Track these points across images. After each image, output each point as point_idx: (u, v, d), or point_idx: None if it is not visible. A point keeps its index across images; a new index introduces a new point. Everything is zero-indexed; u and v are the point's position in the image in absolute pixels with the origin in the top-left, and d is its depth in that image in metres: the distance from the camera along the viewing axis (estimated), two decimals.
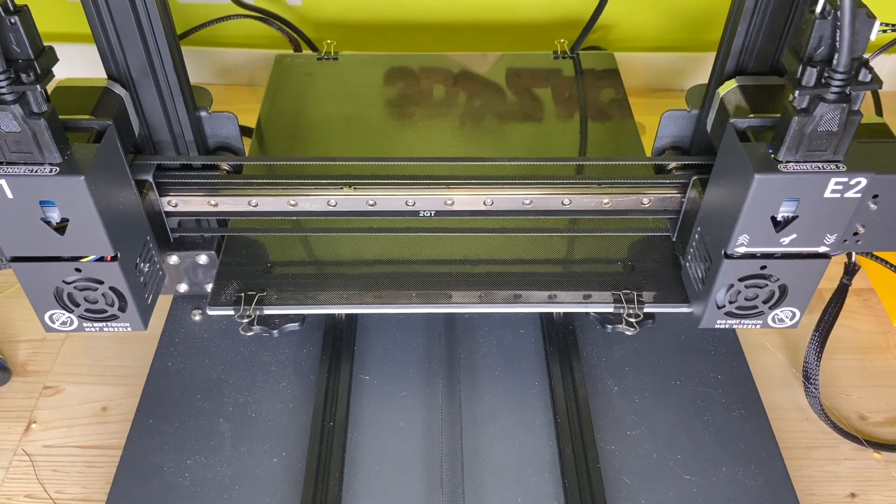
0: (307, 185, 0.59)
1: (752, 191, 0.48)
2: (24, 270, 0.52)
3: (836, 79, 0.44)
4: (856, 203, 0.49)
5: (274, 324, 0.68)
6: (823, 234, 0.51)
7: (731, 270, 0.54)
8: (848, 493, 0.64)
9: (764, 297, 0.56)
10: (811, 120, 0.46)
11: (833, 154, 0.47)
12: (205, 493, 0.59)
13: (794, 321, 0.58)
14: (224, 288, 0.64)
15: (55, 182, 0.47)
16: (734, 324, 0.58)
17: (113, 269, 0.52)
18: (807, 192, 0.48)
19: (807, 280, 0.54)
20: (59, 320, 0.56)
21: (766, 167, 0.48)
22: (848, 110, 0.45)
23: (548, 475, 0.60)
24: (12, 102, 0.44)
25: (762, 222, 0.50)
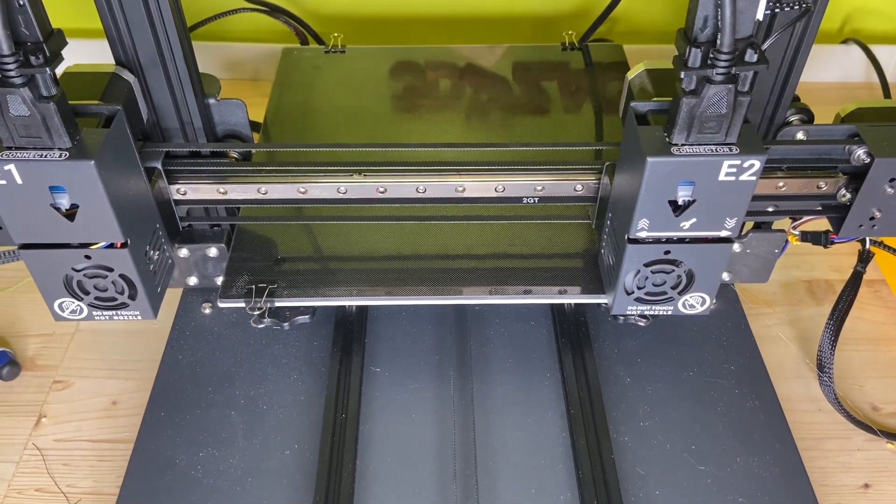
0: (317, 173, 0.58)
1: (647, 174, 0.48)
2: (33, 258, 0.52)
3: (721, 59, 0.43)
4: (752, 186, 0.49)
5: (284, 316, 0.68)
6: (723, 217, 0.51)
7: (635, 255, 0.53)
8: (861, 484, 0.63)
9: (672, 282, 0.56)
10: (699, 102, 0.45)
11: (725, 136, 0.47)
12: (217, 485, 0.58)
13: (704, 307, 0.58)
14: (235, 280, 0.64)
15: (65, 167, 0.47)
16: (645, 310, 0.58)
17: (123, 256, 0.52)
18: (701, 176, 0.48)
19: (712, 265, 0.54)
20: (69, 309, 0.55)
21: (659, 150, 0.48)
22: (735, 91, 0.45)
23: (561, 466, 0.60)
24: (21, 85, 0.44)
25: (660, 206, 0.50)
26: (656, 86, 0.53)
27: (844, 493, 0.63)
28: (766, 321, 0.75)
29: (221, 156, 0.60)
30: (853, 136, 0.57)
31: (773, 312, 0.76)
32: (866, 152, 0.55)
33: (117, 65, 0.55)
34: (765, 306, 0.77)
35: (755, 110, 0.59)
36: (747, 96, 0.46)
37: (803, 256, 0.81)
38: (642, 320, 0.68)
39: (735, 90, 0.45)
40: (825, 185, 0.58)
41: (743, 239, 0.67)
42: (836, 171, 0.58)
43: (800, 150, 0.58)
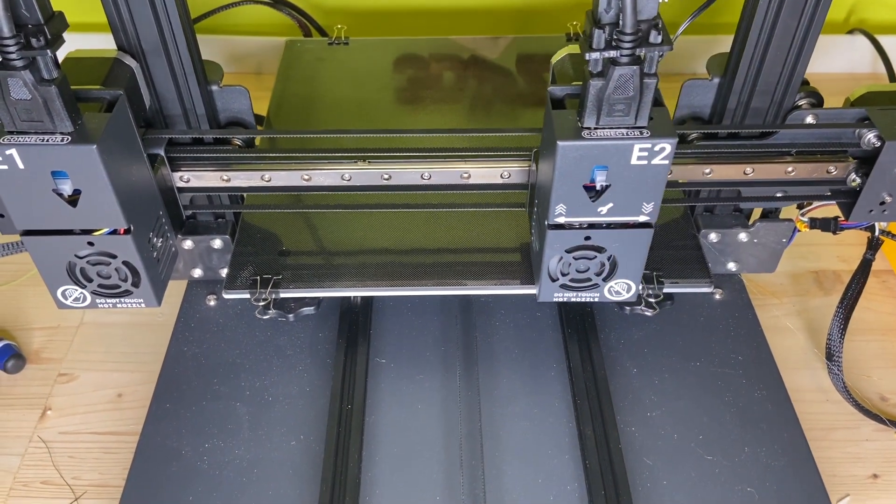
0: (321, 160, 0.58)
1: (558, 159, 0.48)
2: (35, 244, 0.52)
3: (624, 41, 0.43)
4: (666, 170, 0.48)
5: (290, 308, 0.68)
6: (640, 202, 0.51)
7: (555, 241, 0.53)
8: (870, 474, 0.63)
9: (595, 268, 0.55)
10: (606, 84, 0.45)
11: (636, 120, 0.47)
12: (223, 476, 0.58)
13: (630, 293, 0.57)
14: (239, 272, 0.64)
15: (67, 151, 0.46)
16: (571, 297, 0.57)
17: (126, 242, 0.52)
18: (613, 160, 0.48)
19: (634, 251, 0.54)
20: (72, 296, 0.55)
21: (569, 134, 0.47)
22: (641, 73, 0.44)
23: (567, 457, 0.59)
24: (22, 68, 0.44)
25: (575, 191, 0.50)
26: (577, 69, 0.53)
27: (853, 483, 0.62)
28: (773, 311, 0.74)
29: (225, 143, 0.60)
30: (863, 120, 0.56)
31: (781, 303, 0.76)
32: (877, 136, 0.54)
33: (119, 50, 0.55)
34: (772, 297, 0.76)
35: (764, 94, 0.58)
36: (654, 78, 0.45)
37: (811, 247, 0.81)
38: (648, 310, 0.67)
39: (641, 72, 0.45)
40: (835, 170, 0.57)
41: (750, 228, 0.67)
42: (846, 155, 0.57)
43: (809, 134, 0.58)
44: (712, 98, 0.61)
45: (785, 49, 0.56)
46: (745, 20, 0.56)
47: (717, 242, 0.68)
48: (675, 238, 0.66)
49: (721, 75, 0.60)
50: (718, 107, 0.61)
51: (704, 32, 1.04)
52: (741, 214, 0.67)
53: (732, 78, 0.58)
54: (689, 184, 0.60)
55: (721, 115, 0.60)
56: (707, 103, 0.61)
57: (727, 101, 0.59)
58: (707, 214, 0.68)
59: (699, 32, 1.04)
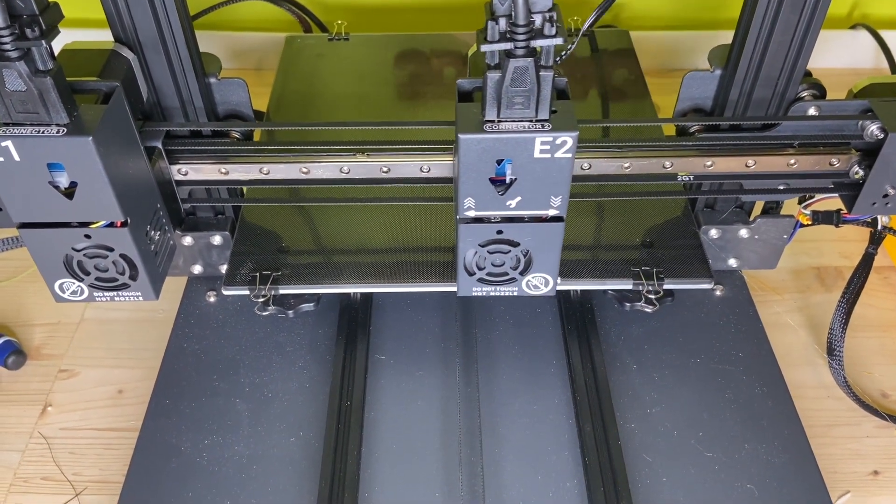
0: (319, 152, 0.57)
1: (461, 152, 0.48)
2: (32, 237, 0.51)
3: (518, 33, 0.43)
4: (569, 163, 0.48)
5: (289, 304, 0.68)
6: (548, 196, 0.50)
7: (467, 235, 0.53)
8: (871, 471, 0.63)
9: (511, 263, 0.55)
10: (503, 76, 0.45)
11: (536, 113, 0.47)
12: (222, 472, 0.58)
13: (549, 288, 0.57)
14: (239, 268, 0.64)
15: (63, 143, 0.46)
16: (490, 291, 0.57)
17: (123, 235, 0.52)
18: (516, 153, 0.48)
19: (547, 244, 0.54)
20: (70, 290, 0.55)
21: (470, 127, 0.47)
22: (537, 65, 0.44)
23: (567, 453, 0.59)
24: (17, 59, 0.43)
25: (482, 185, 0.49)
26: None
27: (854, 479, 0.62)
28: (774, 308, 0.74)
29: (223, 135, 0.60)
30: (866, 112, 0.56)
31: (782, 299, 0.76)
32: (880, 128, 0.54)
33: (116, 42, 0.54)
34: (773, 293, 0.76)
35: (766, 85, 0.58)
36: (550, 70, 0.45)
37: (812, 243, 0.81)
38: (648, 307, 0.67)
39: (537, 64, 0.45)
40: (837, 162, 0.57)
41: (751, 224, 0.66)
42: (849, 147, 0.57)
43: (812, 125, 0.57)
44: (714, 90, 0.61)
45: (787, 39, 0.55)
46: (746, 10, 0.55)
47: (717, 238, 0.67)
48: (675, 235, 0.66)
49: (723, 67, 0.59)
50: (720, 99, 0.60)
51: (705, 28, 1.04)
52: (742, 210, 0.67)
53: (734, 69, 0.57)
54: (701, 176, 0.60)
55: (723, 107, 0.60)
56: (709, 95, 0.61)
57: (729, 93, 0.59)
58: (708, 210, 0.68)
59: (700, 28, 1.04)
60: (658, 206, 0.69)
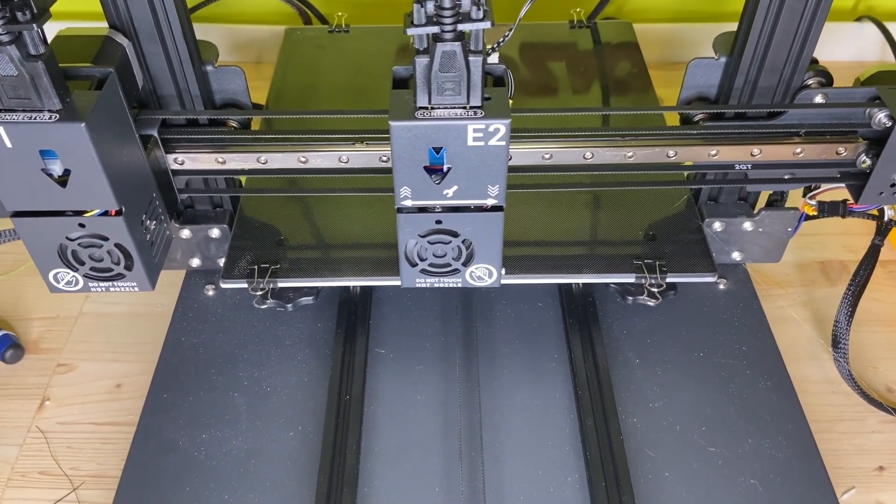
0: (318, 141, 0.57)
1: (392, 140, 0.47)
2: (26, 226, 0.51)
3: (444, 16, 0.42)
4: (504, 151, 0.47)
5: (288, 297, 0.67)
6: (484, 185, 0.49)
7: (406, 225, 0.52)
8: (876, 467, 0.62)
9: (453, 253, 0.54)
10: (431, 61, 0.44)
11: (468, 99, 0.46)
12: (220, 467, 0.58)
13: (493, 279, 0.56)
14: (237, 261, 0.63)
15: (55, 129, 0.45)
16: (433, 282, 0.56)
17: (118, 224, 0.51)
18: (449, 141, 0.47)
19: (488, 234, 0.53)
20: (64, 279, 0.54)
21: (402, 114, 0.46)
22: (465, 49, 0.43)
23: (568, 448, 0.59)
24: (8, 43, 0.43)
25: (417, 173, 0.49)
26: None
27: (858, 475, 0.61)
28: (778, 302, 0.74)
29: (220, 124, 0.59)
30: (874, 99, 0.55)
31: (786, 293, 0.75)
32: (888, 115, 0.53)
33: (111, 28, 0.54)
34: (777, 287, 0.75)
35: (772, 73, 0.57)
36: (480, 55, 0.44)
37: (816, 237, 0.80)
38: (651, 300, 0.66)
39: (465, 49, 0.44)
40: (844, 151, 0.56)
41: (755, 217, 0.66)
42: (856, 135, 0.56)
43: (818, 114, 0.56)
44: (719, 77, 0.60)
45: (794, 26, 0.54)
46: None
47: (721, 231, 0.67)
48: (678, 228, 0.66)
49: (728, 54, 0.58)
50: (725, 86, 0.59)
51: (709, 20, 1.03)
52: (746, 203, 0.66)
53: (739, 56, 0.57)
54: (694, 166, 0.59)
55: (728, 95, 0.59)
56: (713, 83, 0.60)
57: (734, 81, 0.58)
58: (711, 203, 0.67)
59: (704, 20, 1.03)
60: (661, 199, 0.68)
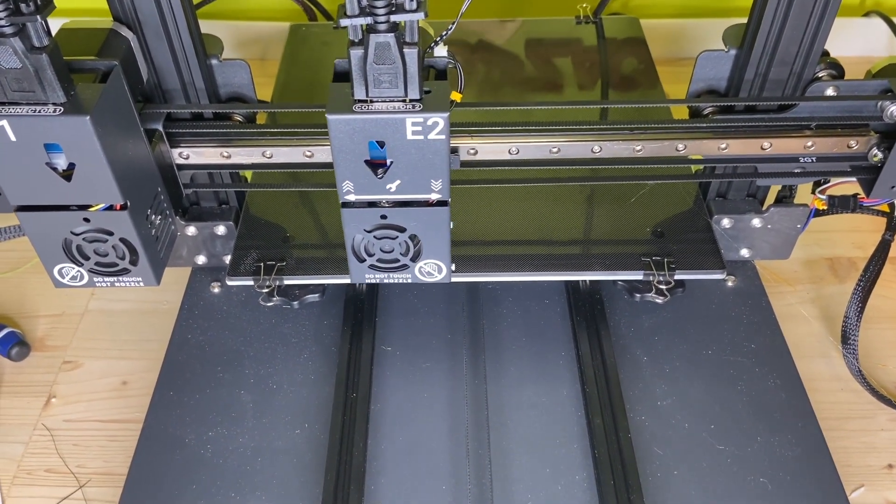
0: (324, 135, 0.56)
1: (331, 133, 0.46)
2: (30, 220, 0.51)
3: (377, 6, 0.42)
4: (444, 145, 0.47)
5: (294, 295, 0.67)
6: (427, 179, 0.49)
7: (351, 220, 0.52)
8: (885, 465, 0.62)
9: (401, 249, 0.54)
10: (365, 53, 0.44)
11: (406, 92, 0.45)
12: (227, 464, 0.58)
13: (443, 275, 0.56)
14: (243, 258, 0.63)
15: (59, 122, 0.45)
16: (383, 278, 0.56)
17: (122, 218, 0.50)
18: (388, 135, 0.46)
19: (434, 229, 0.52)
20: (69, 275, 0.54)
21: (339, 108, 0.46)
22: (399, 41, 0.43)
23: (576, 446, 0.58)
24: (12, 35, 0.42)
25: (358, 168, 0.48)
26: None
27: (868, 473, 0.61)
28: (787, 299, 0.73)
29: (225, 118, 0.58)
30: (886, 92, 0.54)
31: (795, 290, 0.74)
32: None
33: (115, 21, 0.53)
34: (786, 284, 0.75)
35: (783, 65, 0.56)
36: (414, 47, 0.44)
37: (825, 234, 0.79)
38: (659, 297, 0.66)
39: (399, 40, 0.43)
40: (856, 144, 0.56)
41: (764, 214, 0.65)
42: (868, 129, 0.56)
43: (829, 106, 0.56)
44: (729, 70, 0.59)
45: (805, 17, 0.53)
46: None
47: (729, 228, 0.66)
48: (687, 224, 0.65)
49: (738, 46, 0.58)
50: (735, 79, 0.59)
51: (716, 16, 1.02)
52: (755, 199, 0.66)
53: (750, 49, 0.56)
54: (704, 160, 0.58)
55: (738, 88, 0.58)
56: (723, 76, 0.59)
57: (744, 73, 0.57)
58: (720, 200, 0.66)
59: (711, 16, 1.02)
60: (669, 196, 0.68)
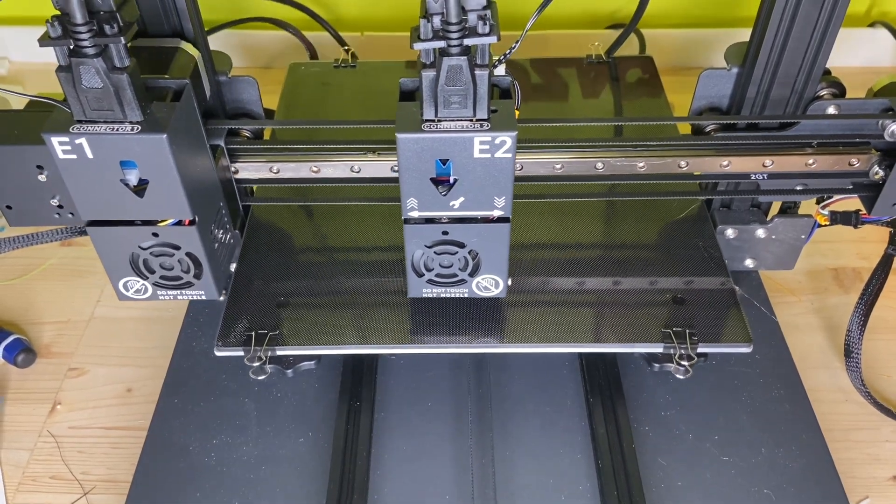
0: (330, 151, 0.57)
1: (399, 151, 0.47)
2: (100, 235, 0.51)
3: (451, 31, 0.42)
4: (510, 163, 0.47)
5: (288, 362, 0.63)
6: (491, 196, 0.50)
7: (413, 236, 0.52)
8: (890, 476, 0.62)
9: (460, 264, 0.54)
10: (437, 75, 0.44)
11: (474, 112, 0.46)
12: (231, 472, 0.58)
13: (499, 290, 0.56)
14: (233, 325, 0.60)
15: (137, 140, 0.46)
16: (440, 292, 0.56)
17: (191, 233, 0.51)
18: (455, 153, 0.47)
19: (494, 245, 0.53)
20: (133, 288, 0.55)
21: (409, 126, 0.46)
22: (471, 64, 0.44)
23: (580, 456, 0.58)
24: (94, 56, 0.43)
25: (424, 185, 0.49)
26: None
27: (873, 484, 0.61)
28: (791, 310, 0.73)
29: (233, 134, 0.59)
30: (887, 111, 0.55)
31: (799, 301, 0.74)
32: None
33: (181, 39, 0.54)
34: (790, 294, 0.75)
35: (784, 83, 0.57)
36: (486, 69, 0.44)
37: (830, 244, 0.79)
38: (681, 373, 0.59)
39: (472, 63, 0.44)
40: (857, 162, 0.56)
41: (768, 224, 0.65)
42: (869, 147, 0.56)
43: (831, 125, 0.56)
44: (731, 88, 0.60)
45: (807, 36, 0.54)
46: (765, 6, 0.54)
47: (734, 238, 0.66)
48: (708, 289, 0.61)
49: (740, 65, 0.58)
50: (737, 97, 0.59)
51: (722, 26, 1.02)
52: (759, 210, 0.66)
53: (752, 67, 0.56)
54: (706, 176, 0.59)
55: (740, 105, 0.59)
56: (725, 93, 0.60)
57: (746, 91, 0.58)
58: (724, 210, 0.67)
59: (717, 26, 1.03)
60: (687, 256, 0.63)
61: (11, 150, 0.51)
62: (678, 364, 0.57)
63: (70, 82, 0.44)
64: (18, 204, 0.54)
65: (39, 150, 0.50)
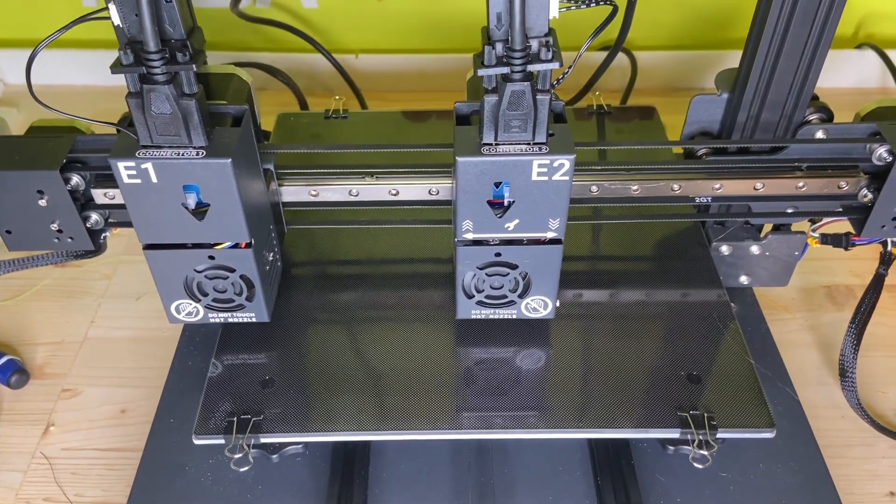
0: (328, 174, 0.57)
1: (458, 175, 0.48)
2: (157, 258, 0.52)
3: (514, 57, 0.43)
4: (567, 186, 0.48)
5: (273, 448, 0.58)
6: (546, 218, 0.50)
7: (466, 258, 0.53)
8: (887, 492, 0.62)
9: (510, 285, 0.55)
10: (500, 100, 0.45)
11: (534, 136, 0.47)
12: (227, 492, 0.57)
13: (548, 311, 0.57)
14: (214, 409, 0.56)
15: (202, 165, 0.46)
16: (489, 314, 0.57)
17: (247, 256, 0.52)
18: (514, 176, 0.48)
19: (546, 267, 0.54)
20: (185, 311, 0.55)
21: (468, 150, 0.47)
22: (533, 89, 0.45)
23: (579, 473, 0.58)
24: (165, 83, 0.44)
25: (480, 207, 0.50)
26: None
27: (870, 501, 0.61)
28: (785, 327, 0.73)
29: None
30: (874, 135, 0.56)
31: (793, 318, 0.75)
32: (888, 151, 0.54)
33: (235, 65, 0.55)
34: (784, 311, 0.75)
35: (774, 108, 0.58)
36: (547, 94, 0.45)
37: (823, 261, 0.80)
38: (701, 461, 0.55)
39: (534, 88, 0.45)
40: (846, 185, 0.57)
41: (762, 241, 0.66)
42: (857, 170, 0.57)
43: (820, 149, 0.57)
44: (721, 113, 0.61)
45: (795, 63, 0.55)
46: (754, 34, 0.56)
47: (728, 255, 0.67)
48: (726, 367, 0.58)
49: (730, 90, 0.60)
50: (728, 122, 0.60)
51: (713, 48, 1.04)
52: (752, 227, 0.67)
53: (742, 93, 0.58)
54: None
55: (730, 130, 0.60)
56: (716, 118, 0.61)
57: (736, 116, 0.59)
58: (718, 227, 0.67)
59: (708, 48, 1.04)
60: (702, 332, 0.61)
61: (13, 175, 0.51)
62: (696, 454, 0.54)
63: (139, 108, 0.45)
64: (18, 228, 0.55)
65: (40, 175, 0.51)
